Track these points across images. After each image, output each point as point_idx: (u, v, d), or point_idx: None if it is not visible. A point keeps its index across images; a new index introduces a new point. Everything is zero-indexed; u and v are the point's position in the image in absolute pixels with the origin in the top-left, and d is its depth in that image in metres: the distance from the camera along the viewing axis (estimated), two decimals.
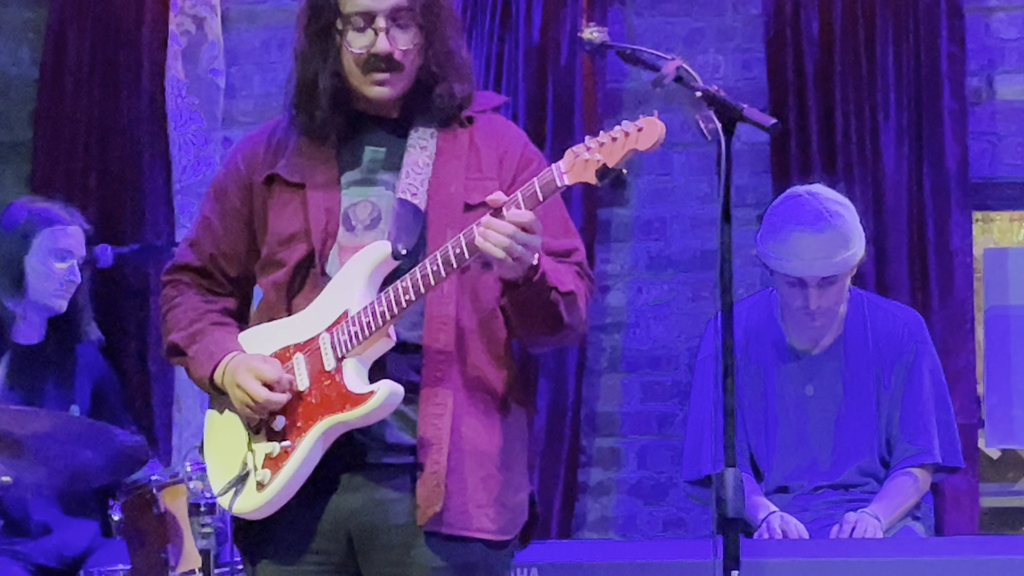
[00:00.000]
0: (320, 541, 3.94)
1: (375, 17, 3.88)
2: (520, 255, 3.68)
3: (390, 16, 3.88)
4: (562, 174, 3.68)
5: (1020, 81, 6.35)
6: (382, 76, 3.91)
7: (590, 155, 3.67)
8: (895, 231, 6.20)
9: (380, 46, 3.88)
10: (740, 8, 6.45)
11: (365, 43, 3.89)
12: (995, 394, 6.42)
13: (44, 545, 5.63)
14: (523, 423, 4.05)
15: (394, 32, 3.89)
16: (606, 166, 3.65)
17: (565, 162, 3.68)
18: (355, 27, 3.89)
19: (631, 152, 3.66)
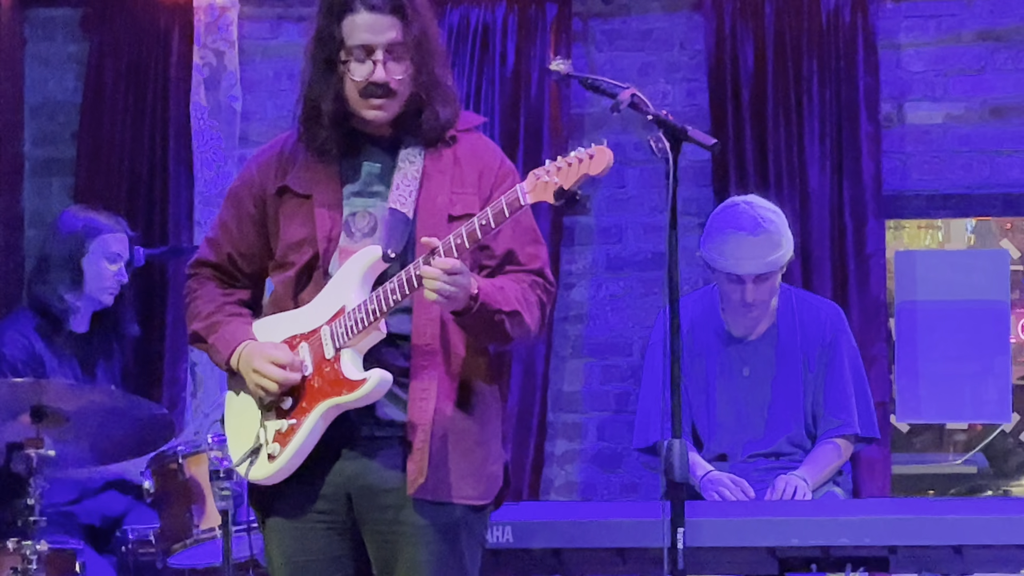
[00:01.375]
0: (323, 503, 3.94)
1: (374, 50, 3.88)
2: (450, 294, 3.70)
3: (387, 49, 3.89)
4: (525, 194, 3.71)
5: (926, 107, 6.35)
6: (379, 102, 3.92)
7: (549, 178, 3.69)
8: (819, 236, 6.19)
9: (378, 75, 3.88)
10: (686, 45, 6.44)
11: (365, 72, 3.89)
12: (905, 376, 6.42)
13: (88, 507, 5.64)
14: (498, 403, 4.06)
15: (390, 63, 3.89)
16: (562, 188, 3.67)
17: (528, 183, 3.71)
18: (356, 58, 3.90)
19: (584, 176, 3.68)
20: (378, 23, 3.89)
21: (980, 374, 6.41)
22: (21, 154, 6.71)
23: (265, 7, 6.63)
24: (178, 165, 6.53)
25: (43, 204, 6.66)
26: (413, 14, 3.90)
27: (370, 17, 3.88)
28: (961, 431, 12.14)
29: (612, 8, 6.43)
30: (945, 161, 6.34)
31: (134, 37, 6.57)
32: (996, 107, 6.31)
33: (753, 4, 6.26)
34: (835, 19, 6.22)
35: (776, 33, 6.25)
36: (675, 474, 3.81)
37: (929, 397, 6.45)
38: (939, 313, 6.43)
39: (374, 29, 3.88)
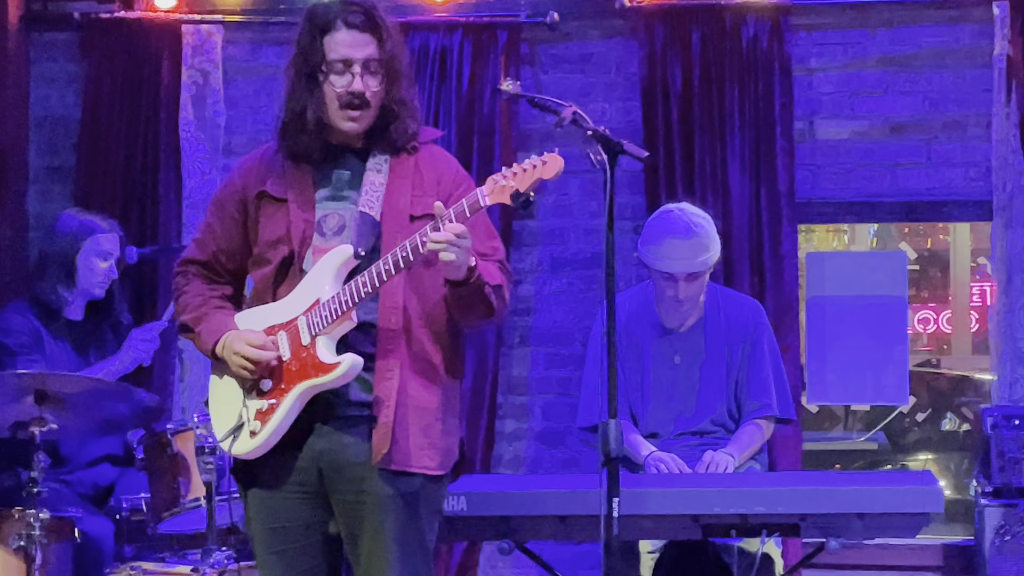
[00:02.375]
0: (298, 474, 3.94)
1: (352, 63, 3.90)
2: (458, 255, 3.71)
3: (363, 64, 3.91)
4: (484, 196, 3.74)
5: (834, 125, 6.38)
6: (355, 113, 3.94)
7: (506, 182, 3.71)
8: (739, 238, 6.21)
9: (355, 86, 3.91)
10: (621, 68, 6.45)
11: (344, 83, 3.91)
12: (814, 363, 6.45)
13: (83, 477, 5.63)
14: (455, 385, 4.07)
15: (366, 76, 3.92)
16: (518, 190, 3.69)
17: (487, 187, 3.74)
18: (336, 71, 3.92)
19: (538, 180, 3.71)
20: (357, 40, 3.91)
21: (881, 361, 6.44)
22: (26, 163, 6.69)
23: (246, 32, 6.62)
24: (167, 173, 6.51)
25: (46, 208, 6.63)
26: (387, 36, 3.94)
27: (350, 35, 3.91)
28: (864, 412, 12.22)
29: (556, 35, 6.43)
30: (851, 172, 6.37)
31: (128, 59, 6.55)
32: (896, 124, 6.35)
33: (681, 32, 6.27)
34: (754, 46, 6.24)
35: (702, 58, 6.26)
36: (611, 449, 3.82)
37: (836, 382, 6.48)
38: (845, 307, 6.46)
39: (353, 45, 3.91)
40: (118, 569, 5.22)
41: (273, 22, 6.52)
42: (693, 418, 5.37)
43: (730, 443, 5.29)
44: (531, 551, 4.96)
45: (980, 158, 6.24)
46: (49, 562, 4.98)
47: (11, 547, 4.91)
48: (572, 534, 4.76)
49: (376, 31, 3.91)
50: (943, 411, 12.17)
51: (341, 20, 3.90)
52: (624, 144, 3.89)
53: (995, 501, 5.51)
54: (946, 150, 6.30)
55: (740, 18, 6.25)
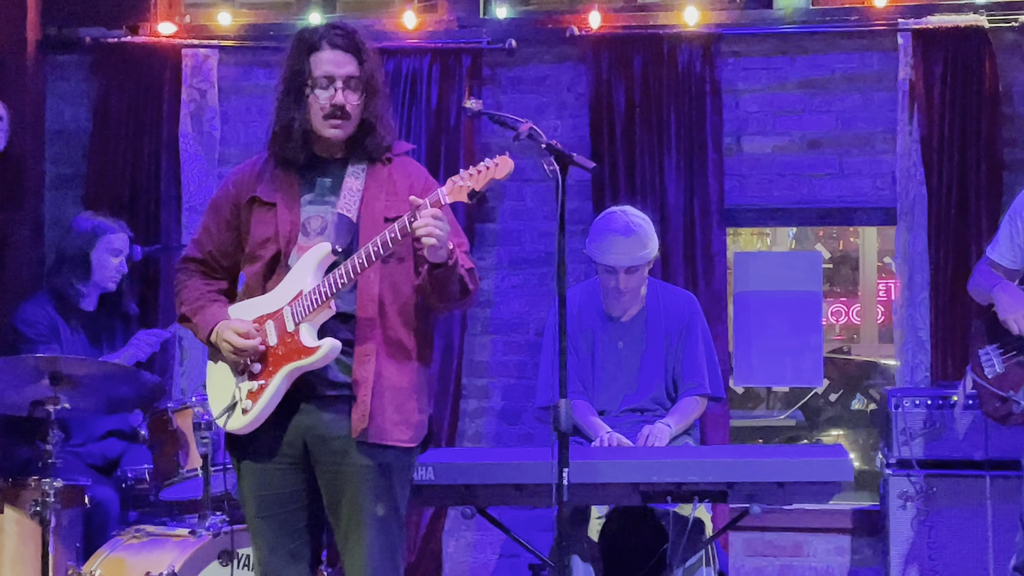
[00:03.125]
0: (285, 447, 3.93)
1: (335, 80, 3.91)
2: (439, 237, 3.72)
3: (345, 80, 3.92)
4: (444, 195, 3.76)
5: (759, 140, 6.38)
6: (337, 122, 3.94)
7: (463, 182, 3.73)
8: (674, 240, 6.21)
9: (337, 99, 3.91)
10: (572, 89, 6.45)
11: (327, 97, 3.92)
12: (741, 350, 6.46)
13: (93, 450, 5.61)
14: (425, 367, 4.07)
15: (347, 92, 3.92)
16: (474, 189, 3.71)
17: (446, 187, 3.76)
18: (321, 86, 3.92)
19: (491, 179, 3.73)
20: (339, 59, 3.91)
21: (798, 348, 6.45)
22: (43, 170, 6.65)
23: (239, 55, 6.58)
24: (168, 180, 6.47)
25: (60, 211, 6.59)
26: (366, 57, 3.95)
27: (333, 54, 3.92)
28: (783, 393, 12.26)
29: (514, 59, 6.42)
30: (773, 182, 6.38)
31: (134, 79, 6.51)
32: (813, 140, 6.36)
33: (624, 57, 6.27)
34: (688, 70, 6.24)
35: (642, 80, 6.26)
36: (562, 425, 3.82)
37: (759, 366, 6.49)
38: (767, 301, 6.47)
39: (336, 63, 3.91)
40: (123, 531, 5.21)
41: (263, 47, 6.49)
42: (635, 397, 5.38)
43: (668, 415, 5.31)
44: (491, 516, 4.96)
45: (886, 170, 6.26)
46: (62, 525, 4.98)
47: (28, 512, 4.91)
48: (528, 501, 4.76)
49: (357, 52, 3.92)
50: (853, 392, 12.22)
51: (326, 41, 3.92)
52: (574, 156, 3.89)
53: (898, 471, 5.54)
54: (856, 163, 6.32)
55: (676, 46, 6.25)
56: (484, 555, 6.44)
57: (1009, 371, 4.58)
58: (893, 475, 5.54)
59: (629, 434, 5.26)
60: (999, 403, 4.55)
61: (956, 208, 6.03)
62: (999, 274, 4.72)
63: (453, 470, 4.65)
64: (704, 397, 5.39)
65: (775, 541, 6.26)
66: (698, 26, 6.25)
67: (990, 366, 4.61)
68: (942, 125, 6.05)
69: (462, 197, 3.72)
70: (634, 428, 5.28)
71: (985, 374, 4.61)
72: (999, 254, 4.73)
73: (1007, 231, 4.72)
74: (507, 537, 5.03)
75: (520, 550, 5.57)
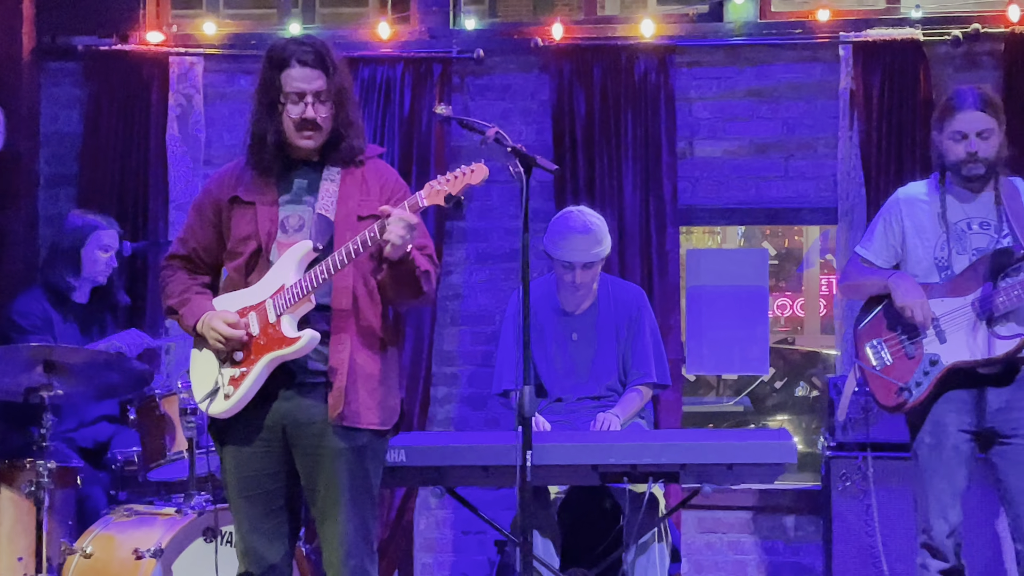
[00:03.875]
0: (264, 432, 3.93)
1: (305, 95, 3.89)
2: (404, 239, 3.74)
3: (314, 95, 3.90)
4: (423, 198, 3.76)
5: (710, 145, 6.40)
6: (309, 133, 3.93)
7: (440, 187, 3.73)
8: (631, 238, 6.23)
9: (308, 114, 3.89)
10: (535, 96, 6.45)
11: (298, 111, 3.90)
12: (692, 340, 6.48)
13: (84, 434, 5.59)
14: (396, 356, 4.07)
15: (317, 105, 3.90)
16: (450, 194, 3.71)
17: (425, 191, 3.76)
18: (292, 101, 3.91)
19: (467, 185, 3.73)
20: (308, 75, 3.89)
21: (746, 339, 6.48)
22: (37, 170, 6.60)
23: (223, 63, 6.55)
24: (156, 180, 6.44)
25: (54, 208, 6.55)
26: (334, 70, 3.92)
27: (302, 71, 3.90)
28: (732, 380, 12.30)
29: (481, 68, 6.42)
30: (723, 184, 6.40)
31: (124, 84, 6.47)
32: (760, 145, 6.38)
33: (585, 67, 6.28)
34: (644, 79, 6.26)
35: (601, 89, 6.27)
36: (525, 411, 3.83)
37: (710, 356, 6.51)
38: (717, 295, 6.49)
39: (305, 79, 3.89)
40: (113, 510, 5.19)
41: (245, 55, 6.46)
42: (589, 385, 5.39)
43: (616, 406, 5.32)
44: (459, 495, 4.97)
45: (828, 173, 6.29)
46: (55, 505, 4.97)
47: (23, 492, 4.90)
48: (493, 481, 4.77)
49: (324, 67, 3.90)
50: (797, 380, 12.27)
51: (295, 59, 3.89)
52: (537, 159, 3.90)
53: (838, 454, 5.56)
54: (800, 166, 6.35)
55: (633, 56, 6.26)
56: (452, 532, 6.45)
57: (897, 362, 4.59)
58: (834, 457, 5.56)
59: (584, 420, 5.28)
60: (893, 394, 4.56)
61: None
62: (873, 270, 4.71)
63: (424, 453, 4.65)
64: (650, 385, 5.41)
65: (724, 519, 6.28)
66: (654, 38, 6.27)
67: (879, 358, 4.62)
68: (880, 131, 6.09)
69: (439, 201, 3.74)
70: (589, 414, 5.30)
71: (875, 366, 4.61)
72: (873, 253, 4.71)
73: (881, 231, 4.70)
74: (474, 515, 5.03)
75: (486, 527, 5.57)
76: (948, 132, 4.55)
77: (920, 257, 4.61)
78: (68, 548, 4.99)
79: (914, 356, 4.55)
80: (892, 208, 4.71)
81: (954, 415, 4.51)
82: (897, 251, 4.67)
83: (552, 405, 5.36)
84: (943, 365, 4.50)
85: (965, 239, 4.56)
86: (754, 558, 6.27)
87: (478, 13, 6.57)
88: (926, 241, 4.60)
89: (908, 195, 4.71)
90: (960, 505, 4.51)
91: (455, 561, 6.43)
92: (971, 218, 4.57)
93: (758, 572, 6.27)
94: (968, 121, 4.50)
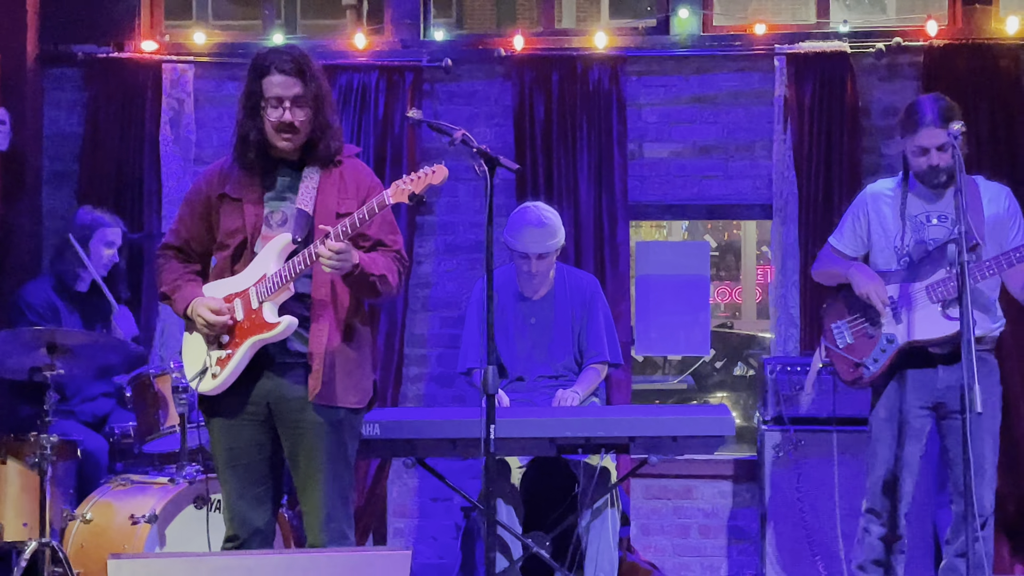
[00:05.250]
0: (250, 407, 3.92)
1: (283, 101, 3.88)
2: (337, 266, 3.73)
3: (292, 101, 3.88)
4: (388, 196, 3.75)
5: (657, 146, 6.39)
6: (287, 136, 3.91)
7: (405, 186, 3.71)
8: (586, 231, 6.22)
9: (285, 118, 3.88)
10: (499, 101, 6.43)
11: (277, 116, 3.88)
12: (641, 324, 6.49)
13: (84, 410, 5.56)
14: (370, 340, 4.07)
15: (294, 110, 3.88)
16: (414, 192, 3.69)
17: (391, 190, 3.75)
18: (272, 106, 3.89)
19: (429, 184, 3.71)
20: (286, 82, 3.88)
21: (689, 323, 6.49)
22: (41, 168, 6.55)
23: (212, 70, 6.50)
24: (150, 177, 6.39)
25: (56, 203, 6.49)
26: (311, 77, 3.90)
27: (280, 78, 3.88)
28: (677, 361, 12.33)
29: (450, 76, 6.39)
30: (669, 182, 6.41)
31: (120, 89, 6.41)
32: (703, 147, 6.38)
33: (543, 75, 6.26)
34: (598, 86, 6.25)
35: (559, 95, 6.26)
36: (488, 389, 3.83)
37: (657, 338, 6.52)
38: (664, 283, 6.50)
39: (283, 86, 3.87)
40: (111, 480, 5.17)
41: (233, 62, 6.41)
42: (547, 365, 5.39)
43: (576, 383, 5.32)
44: (429, 465, 4.96)
45: (764, 172, 6.30)
46: (57, 475, 4.96)
47: (28, 463, 4.88)
48: (460, 452, 4.77)
49: (301, 75, 3.88)
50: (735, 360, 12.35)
51: (275, 67, 3.87)
52: (500, 159, 3.89)
53: (772, 427, 5.59)
54: (739, 166, 6.36)
55: (588, 65, 6.25)
56: (422, 499, 6.44)
57: (858, 341, 4.64)
58: (768, 430, 5.59)
59: (543, 397, 5.28)
60: (852, 368, 4.62)
61: (822, 205, 6.10)
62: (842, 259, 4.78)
63: (396, 427, 4.65)
64: (604, 363, 5.42)
65: (669, 486, 6.30)
66: (606, 49, 6.26)
67: (841, 338, 4.67)
68: (811, 135, 6.11)
69: (403, 199, 3.72)
70: (548, 392, 5.30)
71: (837, 345, 4.66)
72: (843, 243, 4.79)
73: (850, 224, 4.77)
74: (442, 483, 5.03)
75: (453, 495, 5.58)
76: (911, 145, 4.56)
77: (883, 246, 4.68)
78: (69, 514, 4.97)
79: (873, 336, 4.60)
80: (859, 203, 4.77)
81: (908, 393, 4.56)
82: (864, 241, 4.73)
83: (513, 384, 5.35)
84: (899, 343, 4.55)
85: (924, 231, 4.61)
86: (696, 522, 6.29)
87: (447, 25, 6.57)
88: (888, 232, 4.66)
89: (874, 191, 4.76)
90: (911, 478, 4.54)
91: (425, 525, 6.42)
92: (930, 212, 4.62)
93: (700, 534, 6.29)
94: (928, 137, 4.51)
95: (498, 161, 3.88)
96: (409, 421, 4.73)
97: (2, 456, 4.97)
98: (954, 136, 4.22)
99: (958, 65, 6.05)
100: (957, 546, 4.47)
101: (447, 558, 6.26)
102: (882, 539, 4.56)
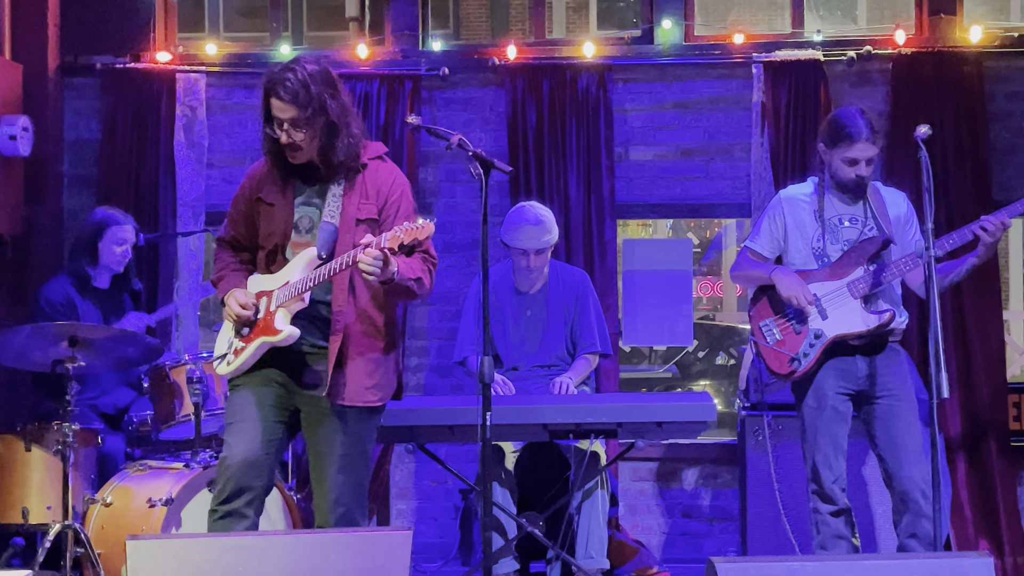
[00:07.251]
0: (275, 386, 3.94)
1: (282, 123, 3.86)
2: (375, 271, 3.70)
3: (289, 123, 3.86)
4: (385, 240, 3.68)
5: (642, 150, 6.40)
6: (292, 152, 3.92)
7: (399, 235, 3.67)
8: (576, 230, 6.23)
9: (283, 138, 3.88)
10: (493, 108, 6.43)
11: (280, 134, 3.89)
12: (628, 316, 6.50)
13: (105, 400, 5.54)
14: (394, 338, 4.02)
15: (291, 130, 3.87)
16: (403, 243, 3.66)
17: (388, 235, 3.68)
18: (276, 124, 3.89)
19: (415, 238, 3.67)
20: (282, 107, 3.85)
21: (673, 315, 6.50)
22: (61, 173, 6.53)
23: (224, 79, 6.49)
24: (165, 180, 6.38)
25: (76, 205, 6.47)
26: (308, 100, 3.82)
27: (278, 103, 3.85)
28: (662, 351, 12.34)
29: (447, 84, 6.40)
30: (654, 184, 6.42)
31: (136, 97, 6.40)
32: (685, 150, 6.40)
33: (535, 83, 6.27)
34: (587, 93, 6.26)
35: (550, 101, 6.27)
36: (484, 377, 3.83)
37: (643, 330, 6.53)
38: (649, 278, 6.51)
39: (280, 110, 3.86)
40: (130, 465, 5.17)
41: (242, 72, 6.42)
42: (541, 355, 5.40)
43: (569, 371, 5.33)
44: (429, 450, 4.97)
45: (742, 174, 6.32)
46: (79, 462, 4.95)
47: (51, 451, 4.88)
48: (458, 438, 4.78)
49: (296, 98, 3.82)
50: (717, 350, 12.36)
51: (273, 91, 3.85)
52: (495, 162, 3.90)
53: (751, 413, 5.60)
54: (719, 168, 6.37)
55: (577, 73, 6.26)
56: (423, 482, 6.45)
57: (786, 338, 4.64)
58: (747, 416, 5.60)
59: (537, 386, 5.29)
60: (787, 364, 4.60)
61: None
62: (760, 261, 4.75)
63: (398, 414, 4.64)
64: (596, 354, 5.43)
65: (655, 469, 6.31)
66: (594, 58, 6.27)
67: (771, 335, 4.66)
68: (787, 138, 6.13)
69: (394, 246, 3.69)
70: (543, 380, 5.31)
71: (768, 341, 4.66)
72: (760, 245, 4.72)
73: (767, 227, 4.71)
74: (442, 467, 5.04)
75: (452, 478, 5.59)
76: (841, 156, 4.55)
77: (800, 248, 4.66)
78: (90, 498, 4.97)
79: (800, 332, 4.60)
80: (775, 207, 4.73)
81: (832, 381, 4.57)
82: (780, 243, 4.70)
83: (508, 373, 5.36)
84: (826, 338, 4.55)
85: (838, 232, 4.62)
86: (680, 502, 6.31)
87: (444, 36, 6.56)
88: (805, 234, 4.65)
89: (789, 195, 4.74)
90: (843, 456, 4.56)
91: (425, 507, 6.43)
92: (842, 214, 4.63)
93: (684, 514, 6.31)
94: (862, 151, 4.52)
95: (493, 164, 3.88)
96: (410, 409, 4.73)
97: (27, 444, 4.96)
98: (920, 137, 4.24)
99: (925, 72, 6.08)
100: (903, 527, 4.48)
101: (447, 537, 6.27)
102: (832, 515, 4.57)
